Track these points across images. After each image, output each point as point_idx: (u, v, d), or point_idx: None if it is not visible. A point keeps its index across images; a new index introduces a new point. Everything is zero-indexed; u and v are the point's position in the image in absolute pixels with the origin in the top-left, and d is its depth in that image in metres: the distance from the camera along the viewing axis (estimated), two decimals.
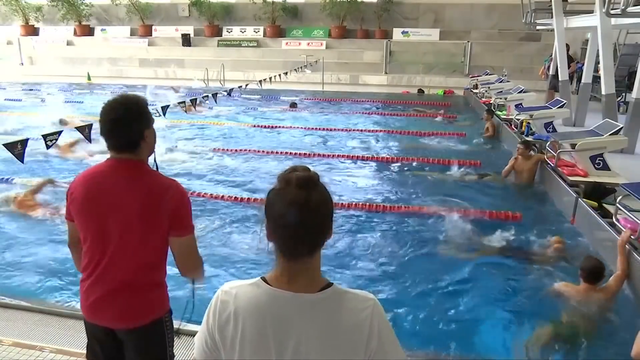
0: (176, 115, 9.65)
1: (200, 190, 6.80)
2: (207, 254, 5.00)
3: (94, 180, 2.01)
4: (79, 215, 2.02)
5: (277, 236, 1.27)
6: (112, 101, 2.00)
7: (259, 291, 1.29)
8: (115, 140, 1.99)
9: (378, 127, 11.70)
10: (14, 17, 23.22)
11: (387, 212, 6.27)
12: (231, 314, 1.28)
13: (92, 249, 2.01)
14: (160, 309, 2.10)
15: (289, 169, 1.30)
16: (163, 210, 1.96)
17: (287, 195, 1.24)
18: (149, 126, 2.04)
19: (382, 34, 20.40)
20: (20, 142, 3.76)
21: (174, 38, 21.86)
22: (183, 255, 2.06)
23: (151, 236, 1.99)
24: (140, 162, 2.04)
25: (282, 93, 15.49)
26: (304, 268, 1.28)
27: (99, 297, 2.02)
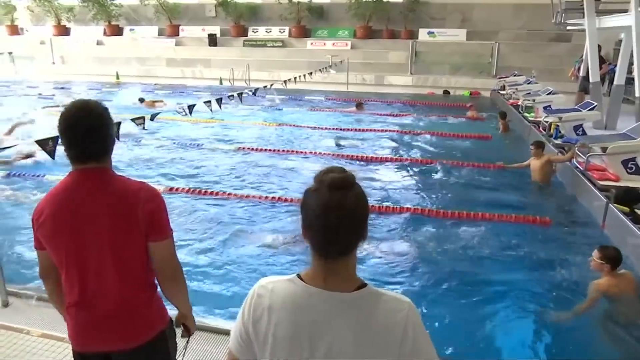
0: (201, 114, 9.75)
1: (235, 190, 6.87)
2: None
3: (60, 198, 1.84)
4: (51, 240, 1.85)
5: (311, 235, 1.29)
6: (79, 108, 1.84)
7: (294, 287, 1.30)
8: (87, 149, 1.83)
9: (402, 128, 11.60)
10: (47, 17, 23.84)
11: (406, 213, 6.21)
12: (266, 309, 1.30)
13: (72, 273, 1.86)
14: (159, 322, 1.98)
15: (324, 170, 1.31)
16: (139, 214, 1.83)
17: (321, 196, 1.25)
18: (113, 132, 1.94)
19: (408, 34, 20.24)
20: (51, 139, 3.85)
21: (201, 38, 22.12)
22: (163, 261, 1.92)
23: (131, 246, 1.86)
24: (106, 169, 1.89)
25: (306, 93, 15.51)
26: (338, 267, 1.28)
27: (93, 321, 1.89)
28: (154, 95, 15.33)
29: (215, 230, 5.71)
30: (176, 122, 10.84)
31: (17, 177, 7.45)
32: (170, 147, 9.46)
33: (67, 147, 1.84)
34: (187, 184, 7.27)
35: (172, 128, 10.77)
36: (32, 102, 14.40)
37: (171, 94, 16.03)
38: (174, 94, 15.89)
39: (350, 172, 1.29)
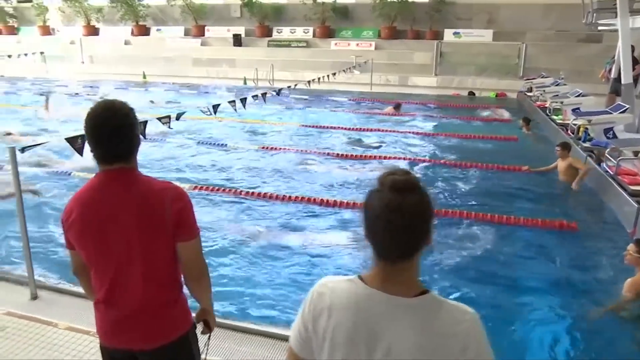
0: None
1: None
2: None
3: (88, 200, 1.86)
4: (80, 240, 1.89)
5: (372, 237, 1.28)
6: (104, 108, 1.84)
7: (354, 288, 1.30)
8: (113, 149, 1.84)
9: (426, 129, 11.50)
10: (77, 18, 24.39)
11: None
12: (325, 308, 1.31)
13: (100, 272, 1.90)
14: (183, 324, 2.00)
15: (387, 171, 1.30)
16: (167, 215, 1.84)
17: (383, 198, 1.24)
18: (139, 132, 1.95)
19: (433, 35, 20.03)
20: (80, 137, 3.92)
21: (226, 38, 22.32)
22: (190, 261, 1.94)
23: (159, 247, 1.87)
24: (133, 169, 1.90)
25: (329, 94, 15.50)
26: (399, 271, 1.28)
27: (118, 319, 1.91)
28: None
29: (238, 229, 5.74)
30: (200, 121, 10.96)
31: (45, 172, 7.63)
32: (194, 146, 9.57)
33: (93, 147, 1.85)
34: (210, 182, 7.34)
35: (196, 127, 10.88)
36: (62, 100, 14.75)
37: (195, 93, 16.22)
38: (199, 94, 16.09)
39: (413, 174, 1.28)
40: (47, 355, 3.31)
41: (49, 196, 6.63)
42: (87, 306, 3.85)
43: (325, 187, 7.28)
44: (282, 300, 4.32)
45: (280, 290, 4.49)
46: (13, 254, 4.84)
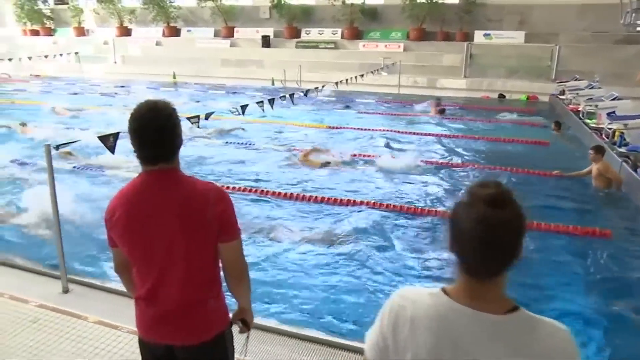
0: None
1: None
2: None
3: (131, 200, 1.89)
4: (123, 239, 1.92)
5: (460, 252, 1.23)
6: (149, 109, 1.85)
7: (439, 302, 1.25)
8: (156, 150, 1.85)
9: (454, 131, 11.35)
10: (111, 19, 24.98)
11: None
12: (408, 321, 1.26)
13: (142, 269, 1.93)
14: (221, 323, 2.03)
15: (479, 183, 1.24)
16: (210, 216, 1.86)
17: (475, 212, 1.18)
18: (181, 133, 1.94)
19: (463, 37, 19.77)
20: (112, 135, 4.01)
21: (254, 39, 22.52)
22: (231, 262, 1.97)
23: (201, 247, 1.90)
24: (175, 170, 1.91)
25: (357, 95, 15.46)
26: (488, 287, 1.23)
27: (159, 316, 1.95)
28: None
29: (268, 229, 5.75)
30: (229, 122, 11.07)
31: (79, 169, 7.83)
32: (222, 146, 9.66)
33: (137, 147, 1.86)
34: (238, 182, 7.40)
35: (225, 126, 10.97)
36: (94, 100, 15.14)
37: (224, 94, 16.41)
38: (227, 94, 16.27)
39: (506, 187, 1.22)
40: (76, 347, 3.38)
41: (82, 194, 6.78)
42: (116, 301, 3.98)
43: (355, 188, 7.26)
44: (317, 303, 4.29)
45: (316, 293, 4.46)
46: (46, 249, 4.97)
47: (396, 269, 4.91)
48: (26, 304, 3.93)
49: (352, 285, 4.60)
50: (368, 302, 4.30)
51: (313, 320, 4.02)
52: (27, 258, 4.82)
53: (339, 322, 4.02)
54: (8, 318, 3.73)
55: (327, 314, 4.11)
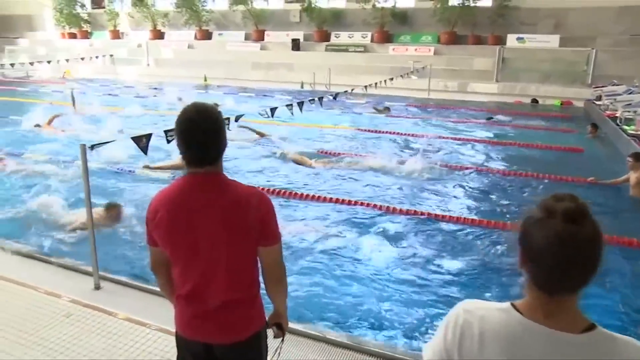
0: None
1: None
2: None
3: (175, 201, 1.92)
4: (165, 239, 1.95)
5: (534, 269, 1.18)
6: (197, 111, 1.88)
7: (509, 318, 1.20)
8: (203, 152, 1.88)
9: (485, 137, 11.17)
10: (145, 23, 25.56)
11: (491, 228, 5.94)
12: (475, 337, 1.21)
13: (184, 270, 1.97)
14: (259, 322, 2.08)
15: (554, 197, 1.19)
16: (251, 221, 1.90)
17: (551, 228, 1.13)
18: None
19: (495, 40, 19.44)
20: (145, 137, 4.09)
21: (285, 43, 22.68)
22: (270, 265, 2.02)
23: (242, 250, 1.94)
24: (219, 173, 1.94)
25: (386, 99, 15.38)
26: (564, 305, 1.18)
27: (199, 314, 1.99)
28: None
29: (307, 232, 5.75)
30: (259, 124, 11.15)
31: (109, 169, 8.01)
32: (250, 148, 9.74)
33: (184, 149, 1.88)
34: (269, 185, 7.44)
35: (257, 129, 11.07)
36: (129, 102, 15.51)
37: (254, 97, 16.56)
38: (257, 97, 16.41)
39: (582, 200, 1.18)
40: (107, 343, 3.45)
41: (115, 193, 6.94)
42: (145, 299, 4.05)
43: (385, 193, 7.21)
44: (352, 309, 4.25)
45: (350, 298, 4.42)
46: (80, 246, 5.10)
47: (428, 276, 4.84)
48: (59, 299, 4.04)
49: (379, 291, 4.56)
50: (396, 308, 4.26)
51: (350, 327, 3.99)
52: (62, 255, 4.95)
53: (365, 327, 3.99)
54: (43, 311, 3.84)
55: (365, 322, 4.07)
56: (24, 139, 10.26)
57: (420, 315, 4.16)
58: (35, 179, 7.55)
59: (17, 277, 4.38)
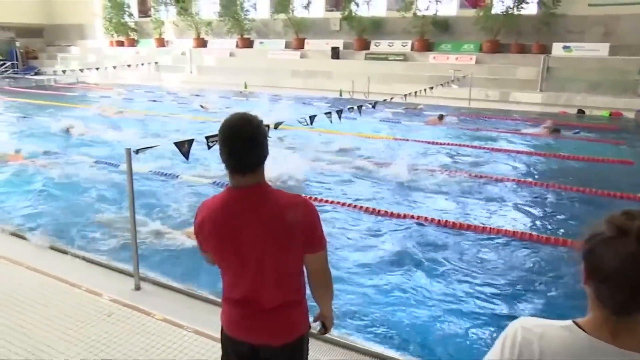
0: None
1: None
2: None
3: (220, 212, 1.96)
4: (214, 250, 2.04)
5: (602, 288, 1.14)
6: (238, 121, 1.94)
7: (573, 337, 1.16)
8: (247, 160, 1.91)
9: (528, 148, 10.87)
10: (189, 31, 26.27)
11: (536, 242, 5.76)
12: (535, 355, 1.17)
13: (234, 279, 2.04)
14: (304, 325, 2.13)
15: (622, 213, 1.14)
16: (296, 230, 1.93)
17: (624, 247, 1.09)
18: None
19: (540, 49, 18.95)
20: (187, 142, 4.18)
21: (324, 51, 22.83)
22: (316, 272, 2.07)
23: (290, 258, 1.98)
24: (263, 183, 1.97)
25: (426, 108, 15.22)
26: (633, 324, 1.14)
27: (247, 316, 2.04)
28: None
29: (351, 242, 5.75)
30: (297, 132, 11.25)
31: (154, 174, 8.24)
32: (287, 155, 9.81)
33: (226, 156, 1.92)
34: (307, 193, 7.47)
35: (292, 137, 11.16)
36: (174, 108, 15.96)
37: (293, 104, 16.71)
38: (296, 104, 16.56)
39: None
40: (145, 343, 3.53)
41: (158, 197, 7.13)
42: (183, 301, 4.12)
43: (417, 203, 7.13)
44: (389, 320, 4.21)
45: (386, 309, 4.38)
46: (122, 247, 5.25)
47: (470, 290, 4.73)
48: (100, 298, 4.16)
49: (412, 301, 4.48)
50: (431, 321, 4.18)
51: (387, 338, 3.94)
52: (105, 255, 5.11)
53: (397, 337, 3.93)
54: (85, 309, 3.97)
55: (402, 335, 4.01)
56: (69, 142, 10.71)
57: (461, 330, 4.06)
58: (81, 180, 7.85)
59: (62, 275, 4.55)
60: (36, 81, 22.88)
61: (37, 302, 4.07)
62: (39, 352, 3.43)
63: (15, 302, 4.05)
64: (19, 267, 4.72)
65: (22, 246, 5.30)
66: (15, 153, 9.38)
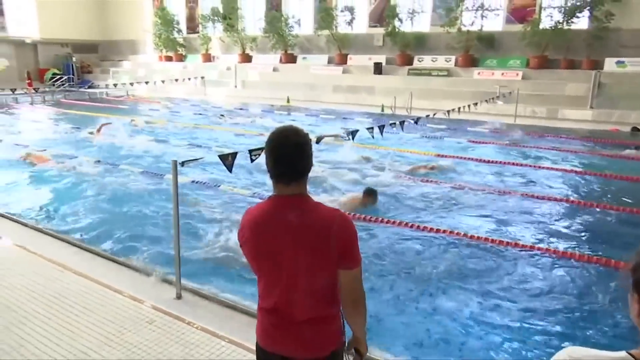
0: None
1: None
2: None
3: (259, 221, 2.01)
4: (251, 257, 2.08)
5: None
6: (285, 130, 2.00)
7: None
8: (292, 169, 1.96)
9: (577, 166, 10.47)
10: (235, 47, 26.93)
11: (583, 262, 5.50)
12: None
13: (268, 286, 2.06)
14: (338, 340, 2.10)
15: None
16: (332, 244, 1.93)
17: None
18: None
19: (591, 64, 18.29)
20: (231, 155, 4.24)
21: (367, 66, 22.86)
22: (349, 289, 2.02)
23: (323, 271, 1.98)
24: (304, 195, 2.01)
25: (469, 124, 14.95)
26: None
27: (281, 327, 2.05)
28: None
29: (379, 258, 5.69)
30: (338, 145, 11.26)
31: (197, 184, 8.41)
32: (329, 170, 9.82)
33: (272, 165, 1.98)
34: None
35: (333, 151, 11.18)
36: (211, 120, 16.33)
37: (334, 118, 16.78)
38: (337, 119, 16.62)
39: None
40: (184, 352, 3.56)
41: (201, 207, 7.26)
42: (222, 313, 4.15)
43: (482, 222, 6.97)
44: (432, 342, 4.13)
45: (432, 328, 4.31)
46: (165, 256, 5.35)
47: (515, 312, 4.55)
48: (142, 305, 4.24)
49: (459, 325, 4.35)
50: (475, 342, 4.04)
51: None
52: (148, 263, 5.21)
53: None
54: (127, 315, 4.06)
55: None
56: (118, 152, 11.12)
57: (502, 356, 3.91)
58: (129, 189, 8.11)
59: (107, 281, 4.68)
60: (89, 94, 23.94)
61: (82, 306, 4.20)
62: (82, 355, 3.52)
63: (63, 306, 4.19)
64: (67, 271, 4.89)
65: (70, 251, 5.50)
66: (40, 155, 10.25)
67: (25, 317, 4.02)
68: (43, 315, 4.05)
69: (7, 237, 5.80)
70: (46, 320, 3.97)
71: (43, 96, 22.85)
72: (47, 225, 6.45)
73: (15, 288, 4.51)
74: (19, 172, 9.40)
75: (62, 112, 19.00)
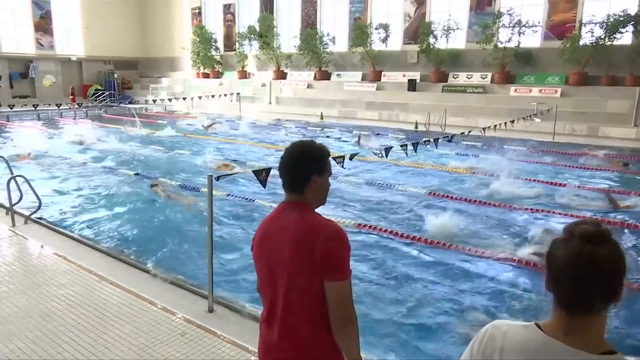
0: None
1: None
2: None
3: (265, 226, 2.10)
4: (255, 263, 2.12)
5: (556, 288, 1.27)
6: (293, 143, 2.12)
7: (531, 335, 1.29)
8: (286, 178, 2.06)
9: (617, 185, 10.09)
10: (270, 64, 27.40)
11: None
12: (497, 350, 1.31)
13: (266, 293, 2.07)
14: (333, 355, 1.99)
15: (577, 221, 1.29)
16: (316, 252, 1.89)
17: (570, 247, 1.22)
18: (319, 173, 2.04)
19: (634, 81, 17.69)
20: (265, 170, 4.29)
21: (401, 83, 22.82)
22: (335, 303, 1.91)
23: (306, 281, 1.93)
24: (304, 203, 2.04)
25: (505, 142, 14.64)
26: (584, 325, 1.24)
27: (270, 342, 2.03)
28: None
29: (391, 271, 5.63)
30: (370, 162, 11.23)
31: (234, 197, 8.52)
32: (362, 185, 9.80)
33: (280, 173, 2.09)
34: (375, 222, 7.38)
35: (364, 167, 11.15)
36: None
37: (367, 135, 16.77)
38: (370, 136, 16.59)
39: (605, 226, 1.25)
40: None
41: (236, 222, 7.35)
42: (253, 327, 4.15)
43: (496, 242, 6.80)
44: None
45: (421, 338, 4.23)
46: (199, 270, 5.42)
47: None
48: (175, 317, 4.29)
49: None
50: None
51: None
52: (182, 275, 5.29)
53: None
54: (160, 327, 4.11)
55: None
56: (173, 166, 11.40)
57: None
58: (165, 202, 8.29)
59: (141, 292, 4.76)
60: (129, 109, 24.75)
61: (117, 316, 4.28)
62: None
63: (100, 316, 4.29)
64: (103, 281, 5.01)
65: (106, 261, 5.64)
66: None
67: (65, 325, 4.13)
68: (81, 325, 4.15)
69: (48, 246, 6.00)
70: (83, 329, 4.07)
71: (86, 111, 23.76)
72: (85, 234, 6.65)
73: (56, 297, 4.65)
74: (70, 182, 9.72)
75: (105, 126, 19.63)
